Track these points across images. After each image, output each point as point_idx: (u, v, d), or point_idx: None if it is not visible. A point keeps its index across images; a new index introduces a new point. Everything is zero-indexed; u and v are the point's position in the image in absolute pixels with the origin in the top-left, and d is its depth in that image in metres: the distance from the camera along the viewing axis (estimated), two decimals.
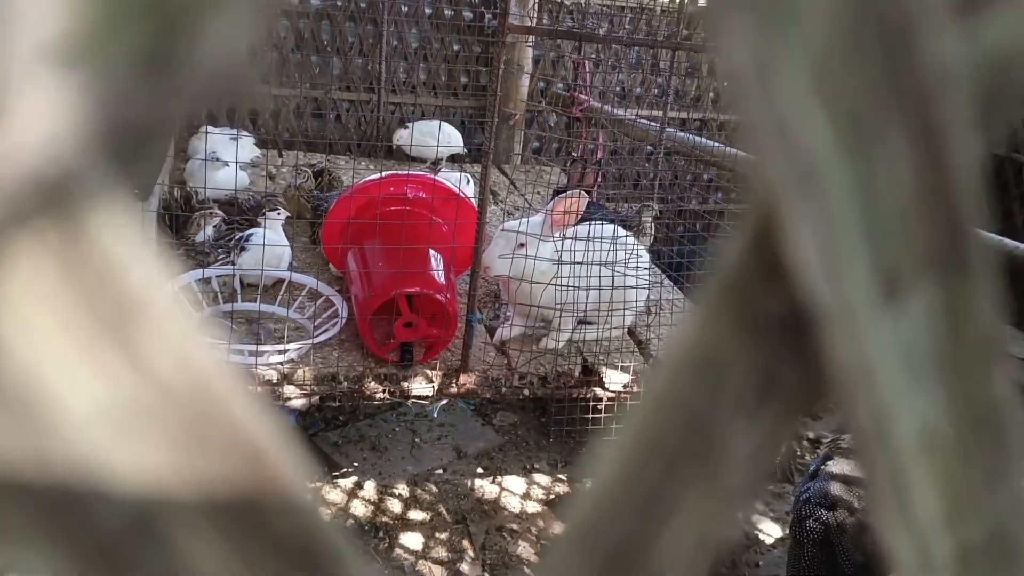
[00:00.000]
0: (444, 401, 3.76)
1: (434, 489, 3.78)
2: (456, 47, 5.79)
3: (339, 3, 5.50)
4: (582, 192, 3.49)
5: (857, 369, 0.37)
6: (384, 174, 3.84)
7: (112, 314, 0.27)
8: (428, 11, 5.65)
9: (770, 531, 3.80)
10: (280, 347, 3.30)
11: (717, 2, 0.30)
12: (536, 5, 5.60)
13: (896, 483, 0.40)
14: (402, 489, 3.76)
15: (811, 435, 4.32)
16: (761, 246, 0.37)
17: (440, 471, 3.91)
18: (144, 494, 0.29)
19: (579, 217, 3.47)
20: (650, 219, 4.32)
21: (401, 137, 5.21)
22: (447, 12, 5.70)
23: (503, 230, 3.49)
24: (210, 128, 4.82)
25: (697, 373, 0.39)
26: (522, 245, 3.36)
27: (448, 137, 5.14)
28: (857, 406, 0.38)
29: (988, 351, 0.39)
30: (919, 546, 0.41)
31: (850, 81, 0.32)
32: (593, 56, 5.14)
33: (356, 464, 3.93)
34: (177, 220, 3.96)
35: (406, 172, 3.89)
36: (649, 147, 5.15)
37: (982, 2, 0.33)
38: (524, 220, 3.50)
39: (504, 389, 3.55)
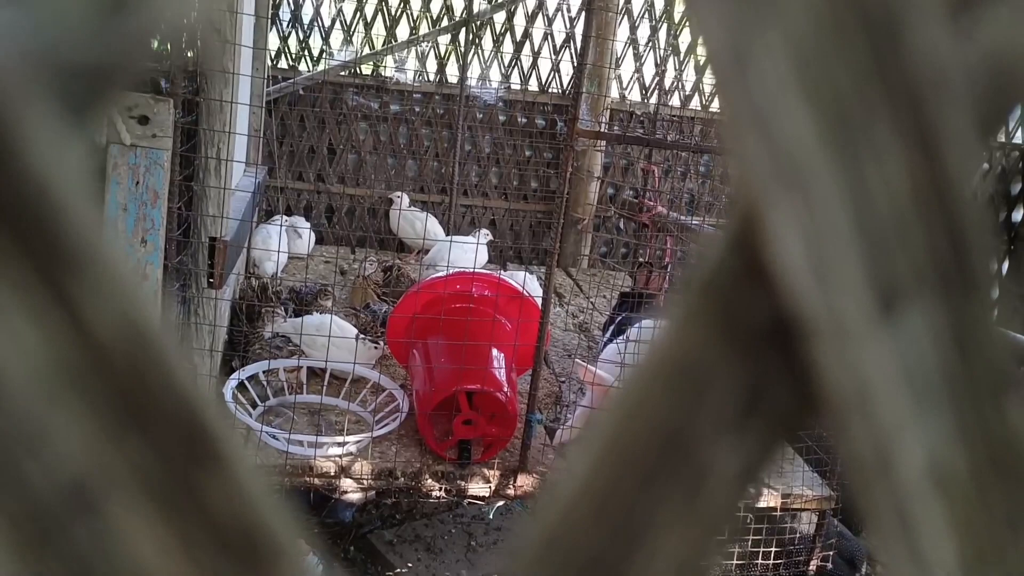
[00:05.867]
0: (501, 503, 3.69)
1: None
2: (528, 152, 5.93)
3: (417, 109, 5.71)
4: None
5: (853, 390, 0.34)
6: (451, 271, 3.89)
7: (50, 265, 0.26)
8: (502, 118, 5.83)
9: None
10: (340, 439, 3.30)
11: None
12: (607, 112, 5.72)
13: (904, 524, 0.36)
14: None
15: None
16: (745, 246, 0.35)
17: None
18: (78, 461, 0.28)
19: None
20: None
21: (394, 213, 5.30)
22: (520, 119, 5.86)
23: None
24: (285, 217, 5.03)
25: (674, 382, 0.36)
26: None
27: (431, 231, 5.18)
28: (855, 433, 0.35)
29: (1000, 379, 0.36)
30: None
31: (833, 72, 0.31)
32: (662, 163, 5.19)
33: (410, 565, 3.85)
34: (253, 310, 4.07)
35: (472, 271, 3.93)
36: None
37: (977, 1, 0.32)
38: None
39: None
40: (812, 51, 0.31)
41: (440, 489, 3.38)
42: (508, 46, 5.85)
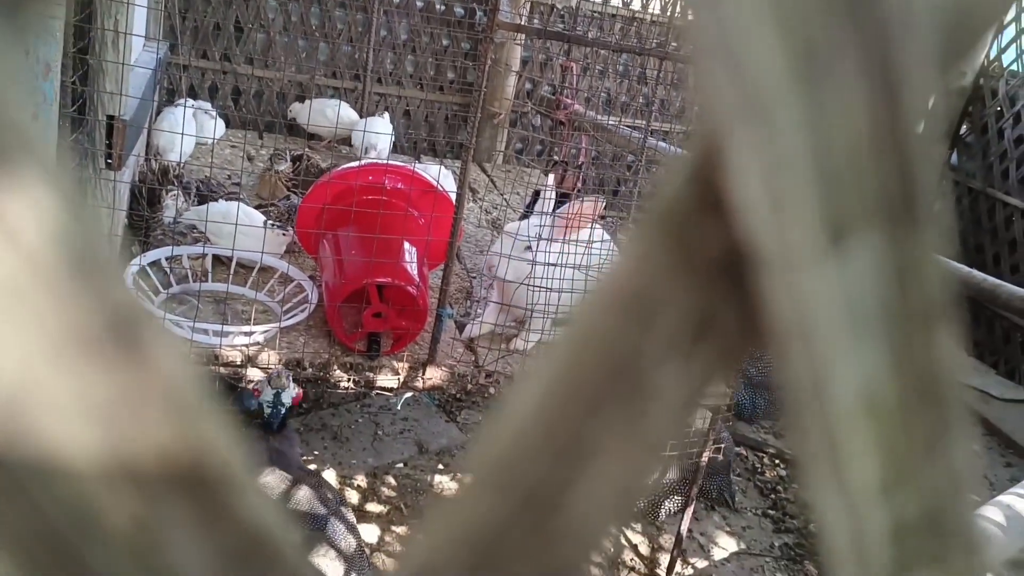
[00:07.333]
0: (408, 394, 3.74)
1: (393, 483, 3.75)
2: (445, 42, 5.77)
3: None
4: (598, 197, 3.54)
5: (796, 318, 0.36)
6: (363, 162, 3.81)
7: None
8: (419, 3, 5.63)
9: (725, 544, 3.81)
10: (247, 329, 3.26)
11: None
12: (528, 5, 5.60)
13: (832, 444, 0.38)
14: (361, 481, 3.72)
15: (771, 450, 4.33)
16: (704, 178, 0.35)
17: (400, 465, 3.88)
18: (13, 379, 0.27)
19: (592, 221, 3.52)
20: None
21: (296, 111, 5.17)
22: (438, 6, 5.68)
23: (506, 233, 3.54)
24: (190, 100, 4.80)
25: (627, 309, 0.37)
26: (529, 248, 3.39)
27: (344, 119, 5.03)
28: (794, 358, 0.37)
29: (933, 313, 0.38)
30: (852, 515, 0.40)
31: (807, 5, 0.30)
32: (581, 61, 5.13)
33: (316, 453, 3.89)
34: (153, 193, 3.92)
35: (385, 162, 3.85)
36: (631, 156, 5.15)
37: None
38: (526, 223, 3.53)
39: (470, 386, 3.52)
40: None
41: (348, 380, 3.40)
42: None
